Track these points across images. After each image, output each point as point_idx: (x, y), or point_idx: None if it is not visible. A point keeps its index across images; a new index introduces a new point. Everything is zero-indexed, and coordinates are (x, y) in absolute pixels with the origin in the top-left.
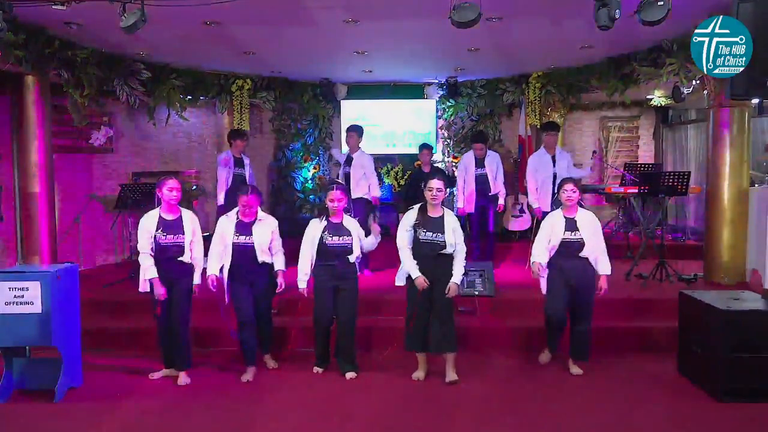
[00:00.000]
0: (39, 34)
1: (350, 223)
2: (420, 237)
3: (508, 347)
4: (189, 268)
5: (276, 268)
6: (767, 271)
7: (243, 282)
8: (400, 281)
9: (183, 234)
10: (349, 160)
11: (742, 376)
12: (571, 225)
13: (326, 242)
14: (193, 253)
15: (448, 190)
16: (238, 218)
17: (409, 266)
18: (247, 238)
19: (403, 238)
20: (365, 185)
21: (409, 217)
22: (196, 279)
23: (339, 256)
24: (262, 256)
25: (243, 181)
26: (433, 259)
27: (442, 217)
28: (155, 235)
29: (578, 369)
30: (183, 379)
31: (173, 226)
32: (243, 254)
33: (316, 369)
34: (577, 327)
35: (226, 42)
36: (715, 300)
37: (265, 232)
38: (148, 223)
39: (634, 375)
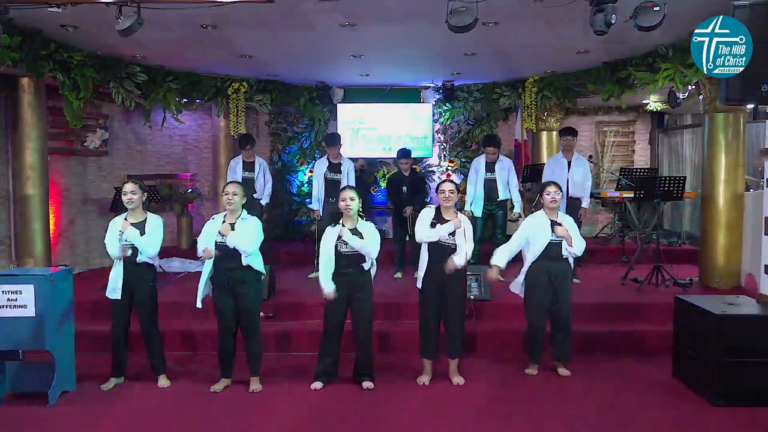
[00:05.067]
0: (35, 36)
1: (365, 228)
2: None
3: (503, 351)
4: (150, 273)
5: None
6: (762, 276)
7: (226, 291)
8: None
9: (143, 237)
10: (335, 167)
11: (737, 381)
12: (555, 227)
13: (339, 249)
14: (145, 248)
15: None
16: (224, 219)
17: (419, 276)
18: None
19: (424, 231)
20: None
21: (428, 214)
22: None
23: (352, 264)
24: (247, 259)
25: (251, 185)
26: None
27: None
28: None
29: (566, 370)
30: (162, 382)
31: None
32: (226, 255)
33: (315, 385)
34: (558, 328)
35: (222, 45)
36: (711, 304)
37: (249, 232)
38: (114, 226)
39: (629, 379)
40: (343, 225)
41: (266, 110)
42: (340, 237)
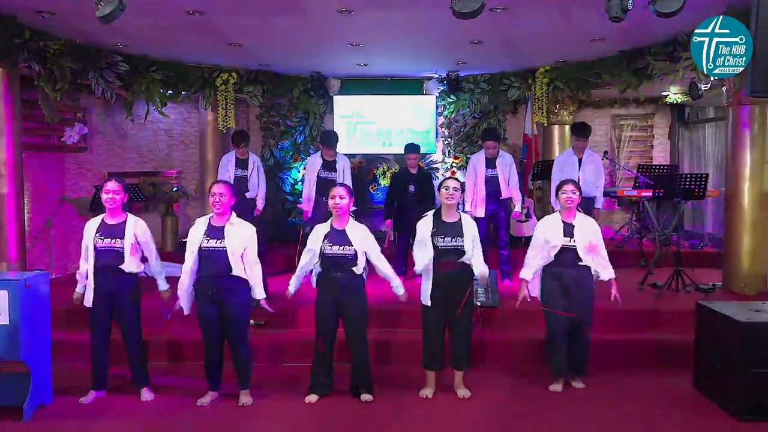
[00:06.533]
0: (8, 24)
1: (356, 230)
2: (438, 245)
3: (512, 361)
4: (131, 279)
5: (257, 296)
6: None
7: (209, 299)
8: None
9: (122, 239)
10: (329, 165)
11: (763, 393)
12: (569, 230)
13: (324, 251)
14: (150, 265)
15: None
16: (209, 222)
17: (424, 290)
18: (218, 241)
19: (421, 256)
20: None
21: (425, 227)
22: (162, 286)
23: (340, 267)
24: (236, 267)
25: (244, 183)
26: (453, 267)
27: (459, 221)
28: (94, 239)
29: (580, 383)
30: (145, 395)
31: (113, 231)
32: (212, 262)
33: (309, 398)
34: (574, 339)
35: (210, 33)
36: (735, 311)
37: (240, 237)
38: (90, 227)
39: (648, 391)
40: (331, 225)
41: (257, 103)
42: (326, 236)
